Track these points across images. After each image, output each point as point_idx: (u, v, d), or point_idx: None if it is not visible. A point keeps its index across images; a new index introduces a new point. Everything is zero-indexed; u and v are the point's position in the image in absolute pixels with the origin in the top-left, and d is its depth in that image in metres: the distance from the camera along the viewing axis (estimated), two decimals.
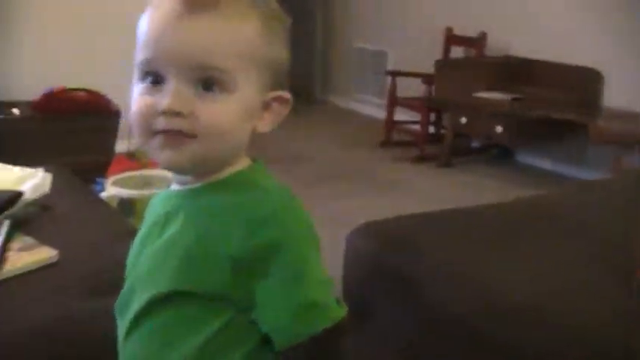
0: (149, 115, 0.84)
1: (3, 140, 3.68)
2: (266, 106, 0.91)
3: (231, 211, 0.85)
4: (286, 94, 0.92)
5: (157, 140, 0.85)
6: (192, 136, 0.83)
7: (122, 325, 0.93)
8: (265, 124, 0.92)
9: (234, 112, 0.86)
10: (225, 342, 0.86)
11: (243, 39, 0.86)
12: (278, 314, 0.84)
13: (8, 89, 4.09)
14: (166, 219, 0.91)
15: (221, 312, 0.86)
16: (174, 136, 0.84)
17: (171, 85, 0.83)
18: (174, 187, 0.95)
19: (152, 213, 0.97)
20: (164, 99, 0.83)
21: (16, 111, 3.96)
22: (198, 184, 0.90)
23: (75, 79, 4.04)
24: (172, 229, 0.89)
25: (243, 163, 0.92)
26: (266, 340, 0.87)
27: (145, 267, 0.91)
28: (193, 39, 0.83)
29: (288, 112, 0.94)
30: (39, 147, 3.72)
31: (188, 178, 0.91)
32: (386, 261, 1.68)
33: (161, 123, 0.84)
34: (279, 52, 0.91)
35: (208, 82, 0.84)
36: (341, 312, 0.86)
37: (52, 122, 3.87)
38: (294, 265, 0.84)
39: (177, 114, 0.83)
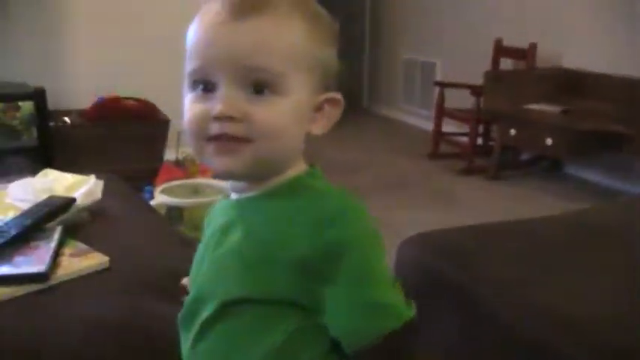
0: (202, 121, 0.84)
1: (56, 148, 3.75)
2: (318, 108, 0.91)
3: (295, 215, 0.85)
4: (338, 96, 0.92)
5: (212, 147, 0.85)
6: (246, 140, 0.83)
7: (188, 335, 0.93)
8: (318, 126, 0.92)
9: (287, 115, 0.85)
10: (293, 347, 0.86)
11: (291, 41, 0.86)
12: (347, 316, 0.84)
13: (61, 98, 4.17)
14: (227, 228, 0.91)
15: (289, 317, 0.86)
16: (229, 142, 0.84)
17: (222, 90, 0.84)
18: (233, 196, 0.95)
19: (212, 222, 0.97)
20: (216, 105, 0.83)
21: (67, 119, 4.03)
22: (256, 192, 0.90)
23: (125, 88, 4.10)
24: (235, 238, 0.89)
25: (300, 168, 0.92)
26: (334, 344, 0.87)
27: (211, 275, 0.91)
28: (240, 42, 0.83)
29: (340, 115, 0.93)
30: (90, 154, 3.78)
31: (244, 185, 0.91)
32: (438, 272, 1.66)
33: (215, 128, 0.84)
34: (328, 53, 0.91)
35: (259, 85, 0.84)
36: (410, 312, 0.86)
37: (103, 130, 3.93)
38: (361, 266, 0.84)
39: (231, 118, 0.83)
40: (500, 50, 5.10)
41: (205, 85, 0.85)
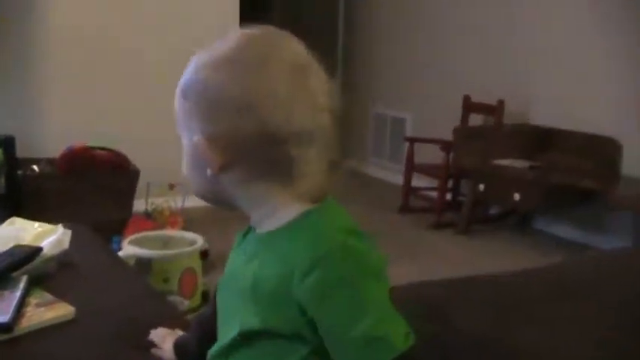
0: None
1: (24, 196, 3.70)
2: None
3: (292, 257, 0.90)
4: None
5: None
6: None
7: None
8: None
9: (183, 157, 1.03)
10: None
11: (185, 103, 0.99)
12: (342, 351, 0.89)
13: (30, 146, 4.14)
14: (249, 260, 0.98)
15: (297, 350, 0.93)
16: None
17: None
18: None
19: (236, 253, 1.06)
20: None
21: (35, 168, 3.99)
22: (266, 229, 0.98)
23: (96, 137, 4.08)
24: (251, 271, 0.95)
25: (297, 209, 0.96)
26: None
27: (232, 303, 1.00)
28: None
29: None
30: (59, 204, 3.73)
31: (253, 220, 1.01)
32: (411, 324, 1.65)
33: None
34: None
35: None
36: (406, 342, 0.89)
37: (72, 180, 3.89)
38: (350, 302, 0.88)
39: None
40: (469, 106, 5.17)
41: None
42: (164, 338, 1.35)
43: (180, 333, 1.35)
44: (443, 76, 5.71)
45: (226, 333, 1.00)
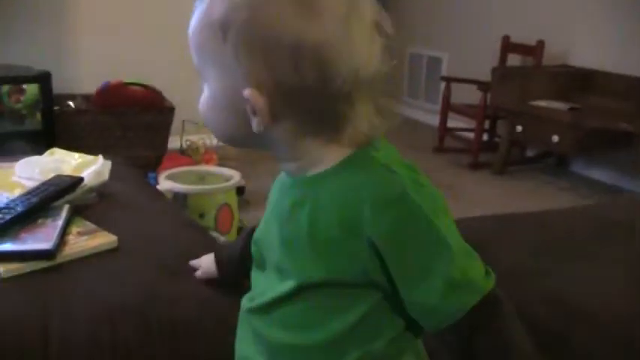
0: None
1: (59, 132, 3.72)
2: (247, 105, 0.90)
3: (355, 194, 0.83)
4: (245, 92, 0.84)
5: None
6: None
7: (256, 293, 0.97)
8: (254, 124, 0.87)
9: (205, 102, 0.91)
10: (369, 327, 0.86)
11: (203, 34, 0.87)
12: (424, 295, 0.82)
13: (66, 82, 4.14)
14: (296, 205, 0.89)
15: (366, 298, 0.86)
16: None
17: None
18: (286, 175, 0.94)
19: (276, 202, 0.95)
20: None
21: (71, 104, 4.00)
22: (315, 171, 0.88)
23: (132, 74, 4.07)
24: (308, 216, 0.86)
25: (345, 152, 0.87)
26: (409, 322, 0.87)
27: (287, 253, 0.90)
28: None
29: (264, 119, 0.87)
30: (93, 140, 3.75)
31: (291, 166, 0.91)
32: None
33: None
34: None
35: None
36: (489, 283, 0.84)
37: (107, 116, 3.89)
38: (430, 242, 0.81)
39: None
40: (508, 47, 5.08)
41: None
42: (201, 258, 1.33)
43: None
44: (481, 15, 5.59)
45: (272, 286, 0.92)
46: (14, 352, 1.11)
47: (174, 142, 4.25)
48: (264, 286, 0.94)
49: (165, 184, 2.90)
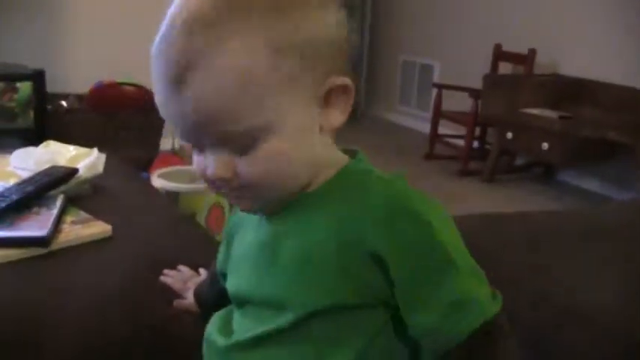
0: (204, 176, 0.81)
1: (52, 131, 3.72)
2: (325, 104, 0.81)
3: (352, 211, 0.78)
4: (339, 80, 0.80)
5: (224, 194, 0.83)
6: (246, 187, 0.80)
7: (229, 337, 0.89)
8: (330, 121, 0.82)
9: (273, 158, 0.77)
10: (378, 350, 0.80)
11: (240, 80, 0.72)
12: (424, 314, 0.76)
13: (59, 81, 4.14)
14: (280, 233, 0.84)
15: (374, 320, 0.80)
16: (233, 193, 0.81)
17: (208, 154, 0.79)
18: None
19: (250, 242, 0.90)
20: (209, 165, 0.79)
21: (64, 103, 4.00)
22: (301, 194, 0.83)
23: (125, 74, 4.07)
24: (298, 240, 0.82)
25: (343, 159, 0.86)
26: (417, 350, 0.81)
27: (285, 285, 0.82)
28: (192, 115, 0.75)
29: (353, 97, 0.82)
30: (86, 139, 3.71)
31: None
32: None
33: (215, 185, 0.82)
34: (314, 39, 0.77)
35: (237, 146, 0.77)
36: (495, 306, 0.77)
37: (100, 116, 3.90)
38: (433, 257, 0.76)
39: (223, 179, 0.79)
40: (500, 55, 5.12)
41: (194, 145, 0.81)
42: (185, 284, 1.29)
43: (203, 272, 1.30)
44: (473, 23, 5.64)
45: (261, 321, 0.84)
46: (7, 337, 1.11)
47: (166, 144, 4.26)
48: (248, 323, 0.87)
49: (156, 182, 2.91)
